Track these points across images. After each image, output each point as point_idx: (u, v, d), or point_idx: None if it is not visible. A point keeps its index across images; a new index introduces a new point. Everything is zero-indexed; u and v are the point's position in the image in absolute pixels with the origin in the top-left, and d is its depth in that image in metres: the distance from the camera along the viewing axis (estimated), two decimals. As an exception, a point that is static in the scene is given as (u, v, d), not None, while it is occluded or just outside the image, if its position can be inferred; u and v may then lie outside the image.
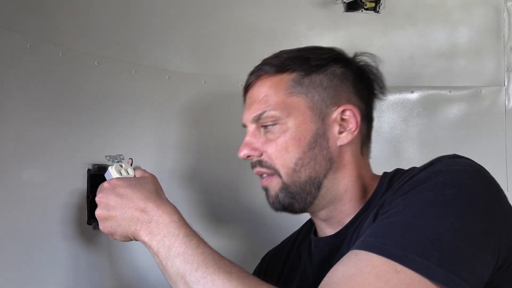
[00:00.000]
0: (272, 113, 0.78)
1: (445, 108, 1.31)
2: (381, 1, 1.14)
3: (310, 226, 0.91)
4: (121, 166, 0.82)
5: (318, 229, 0.86)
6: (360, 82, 0.82)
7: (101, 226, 0.79)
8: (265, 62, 0.83)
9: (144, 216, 0.74)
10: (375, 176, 0.84)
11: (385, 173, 0.82)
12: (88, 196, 0.93)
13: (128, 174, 0.82)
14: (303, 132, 0.78)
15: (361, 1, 1.12)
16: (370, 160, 0.85)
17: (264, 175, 0.81)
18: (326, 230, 0.83)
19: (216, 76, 1.16)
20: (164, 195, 0.79)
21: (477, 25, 1.30)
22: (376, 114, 0.85)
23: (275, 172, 0.79)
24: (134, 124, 1.05)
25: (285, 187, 0.79)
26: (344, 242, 0.78)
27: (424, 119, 1.30)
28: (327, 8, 1.17)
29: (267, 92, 0.80)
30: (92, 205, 0.81)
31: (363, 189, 0.82)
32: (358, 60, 0.84)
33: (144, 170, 0.84)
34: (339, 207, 0.81)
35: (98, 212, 0.78)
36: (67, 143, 0.94)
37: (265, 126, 0.80)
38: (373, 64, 0.84)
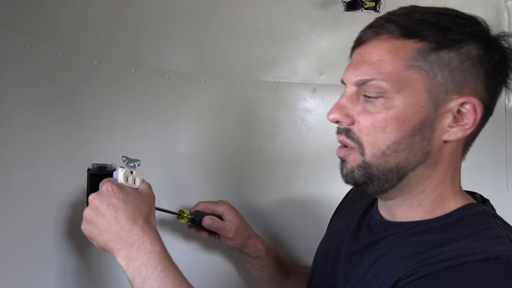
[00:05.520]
0: (381, 83, 0.66)
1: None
2: (381, 1, 1.14)
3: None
4: (131, 173, 0.82)
5: (378, 205, 0.78)
6: (495, 69, 0.69)
7: (83, 226, 0.78)
8: (391, 19, 0.68)
9: (127, 237, 0.73)
10: (460, 192, 0.73)
11: (469, 205, 0.71)
12: (88, 196, 0.93)
13: (134, 183, 0.82)
14: (409, 115, 0.66)
15: (361, 0, 1.12)
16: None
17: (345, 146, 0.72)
18: (383, 213, 0.76)
19: (216, 76, 1.16)
20: (154, 220, 0.79)
21: (477, 24, 1.30)
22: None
23: (358, 148, 0.69)
24: (134, 124, 1.05)
25: (364, 166, 0.69)
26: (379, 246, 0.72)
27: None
28: (327, 8, 1.17)
29: (384, 56, 0.67)
30: (91, 205, 0.81)
31: (438, 199, 0.71)
32: (502, 42, 0.70)
33: (149, 185, 0.83)
34: (403, 209, 0.72)
35: (86, 212, 0.78)
36: (66, 143, 0.94)
37: (368, 96, 0.68)
38: None
